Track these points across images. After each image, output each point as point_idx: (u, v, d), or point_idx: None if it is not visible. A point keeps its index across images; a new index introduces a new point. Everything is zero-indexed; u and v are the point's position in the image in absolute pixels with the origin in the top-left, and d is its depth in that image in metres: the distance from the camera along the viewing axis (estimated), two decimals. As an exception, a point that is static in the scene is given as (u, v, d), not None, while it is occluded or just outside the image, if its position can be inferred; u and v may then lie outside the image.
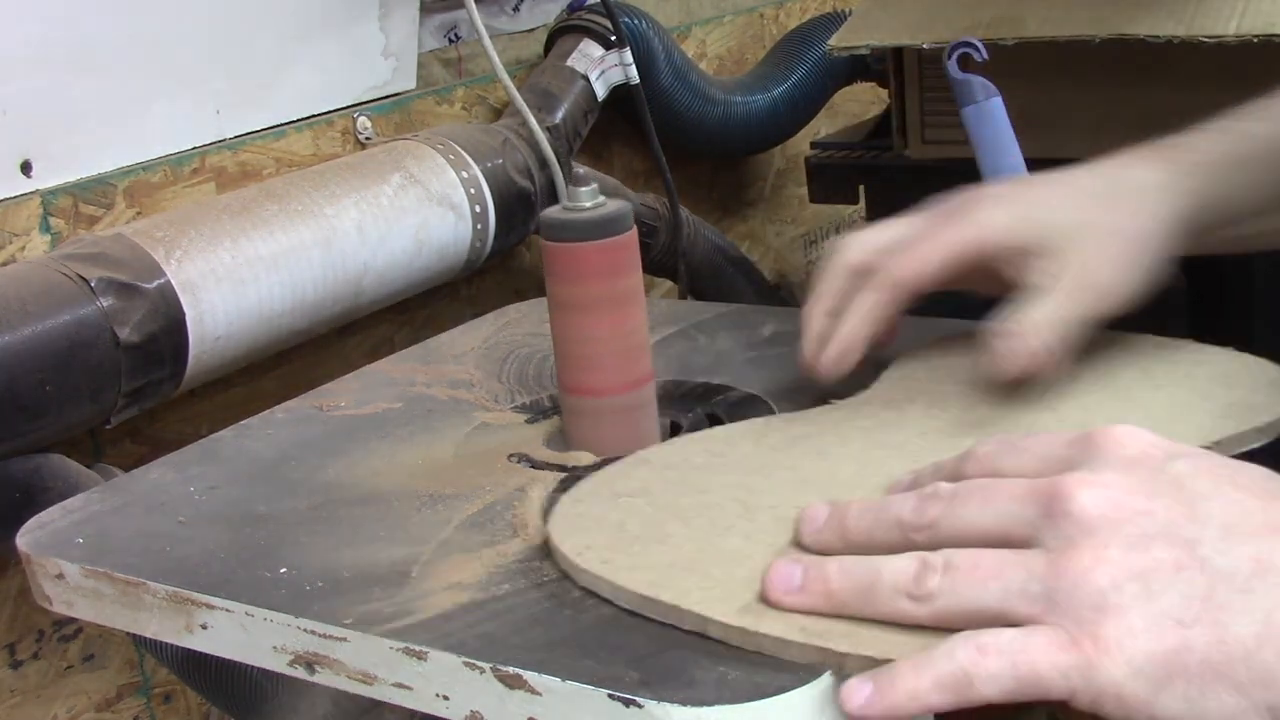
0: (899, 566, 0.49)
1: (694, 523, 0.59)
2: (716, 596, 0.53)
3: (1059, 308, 0.65)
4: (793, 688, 0.49)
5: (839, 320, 0.70)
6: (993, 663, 0.45)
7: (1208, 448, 0.60)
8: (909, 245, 0.70)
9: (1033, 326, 0.64)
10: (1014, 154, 0.94)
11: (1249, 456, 0.53)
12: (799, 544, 0.55)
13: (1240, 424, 0.62)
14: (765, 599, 0.52)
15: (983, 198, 0.70)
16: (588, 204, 0.70)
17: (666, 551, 0.57)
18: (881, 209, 1.41)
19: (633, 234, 0.71)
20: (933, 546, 0.49)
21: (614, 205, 0.71)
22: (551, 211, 0.71)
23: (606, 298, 0.70)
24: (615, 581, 0.56)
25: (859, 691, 0.47)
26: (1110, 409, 0.66)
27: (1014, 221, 0.68)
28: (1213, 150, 0.70)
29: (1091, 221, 0.67)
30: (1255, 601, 0.44)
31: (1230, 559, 0.45)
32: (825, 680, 0.50)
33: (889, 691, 0.46)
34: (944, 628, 0.48)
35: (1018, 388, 0.68)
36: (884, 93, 1.62)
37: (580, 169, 0.71)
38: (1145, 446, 0.49)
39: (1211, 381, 0.67)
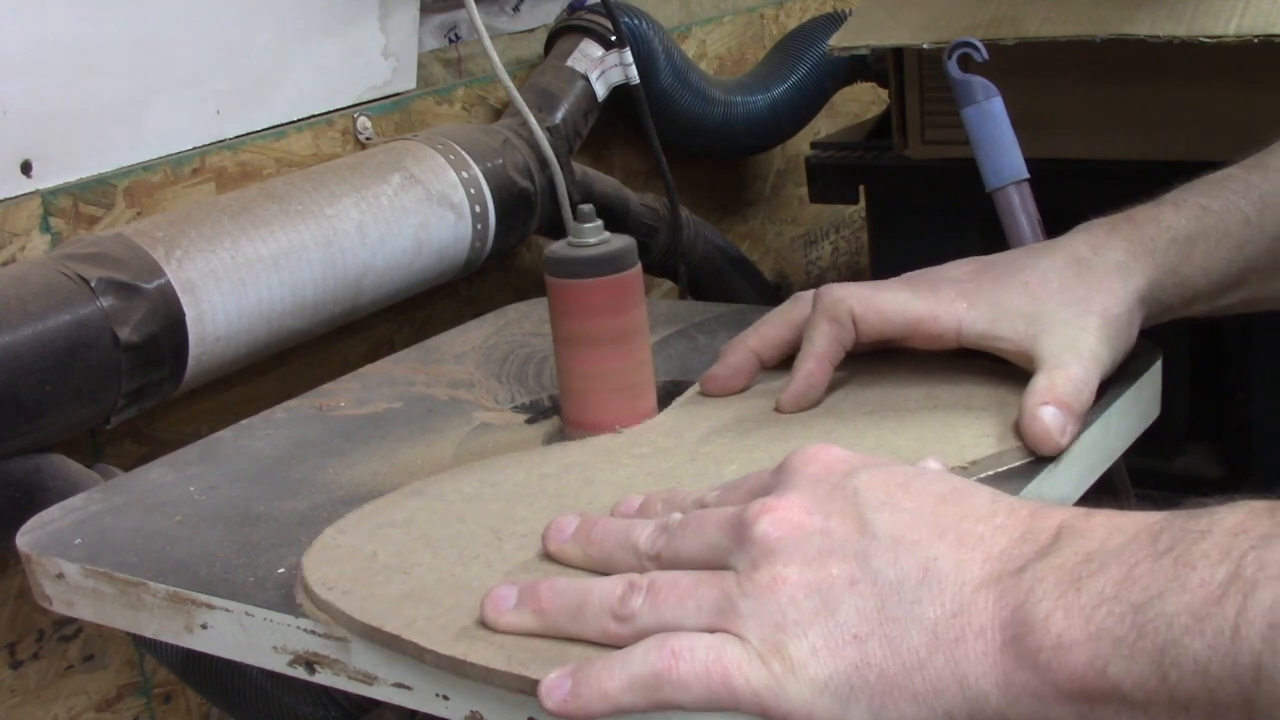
0: (606, 588, 0.50)
1: (442, 552, 0.60)
2: (438, 626, 0.53)
3: (1075, 375, 0.66)
4: None
5: (799, 356, 0.72)
6: (685, 667, 0.46)
7: (963, 467, 0.62)
8: (883, 290, 0.72)
9: (1065, 397, 0.65)
10: (1014, 154, 0.94)
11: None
12: (544, 553, 0.57)
13: (1000, 444, 0.64)
14: (483, 621, 0.52)
15: (959, 290, 0.71)
16: (592, 240, 0.71)
17: (407, 581, 0.57)
18: (881, 209, 1.42)
19: (637, 270, 0.72)
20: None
21: (618, 242, 0.71)
22: (556, 247, 0.72)
23: (611, 333, 0.71)
24: (346, 612, 0.56)
25: (558, 689, 0.48)
26: (879, 430, 0.68)
27: (993, 319, 0.69)
28: (1171, 228, 0.71)
29: (1065, 303, 0.68)
30: (923, 610, 0.45)
31: (899, 569, 0.46)
32: (825, 680, 0.50)
33: (583, 690, 0.47)
34: None
35: (797, 415, 0.70)
36: (884, 93, 1.62)
37: (585, 206, 0.72)
38: (829, 463, 0.51)
39: (988, 402, 0.69)
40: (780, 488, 0.51)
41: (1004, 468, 0.64)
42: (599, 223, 0.71)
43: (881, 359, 0.75)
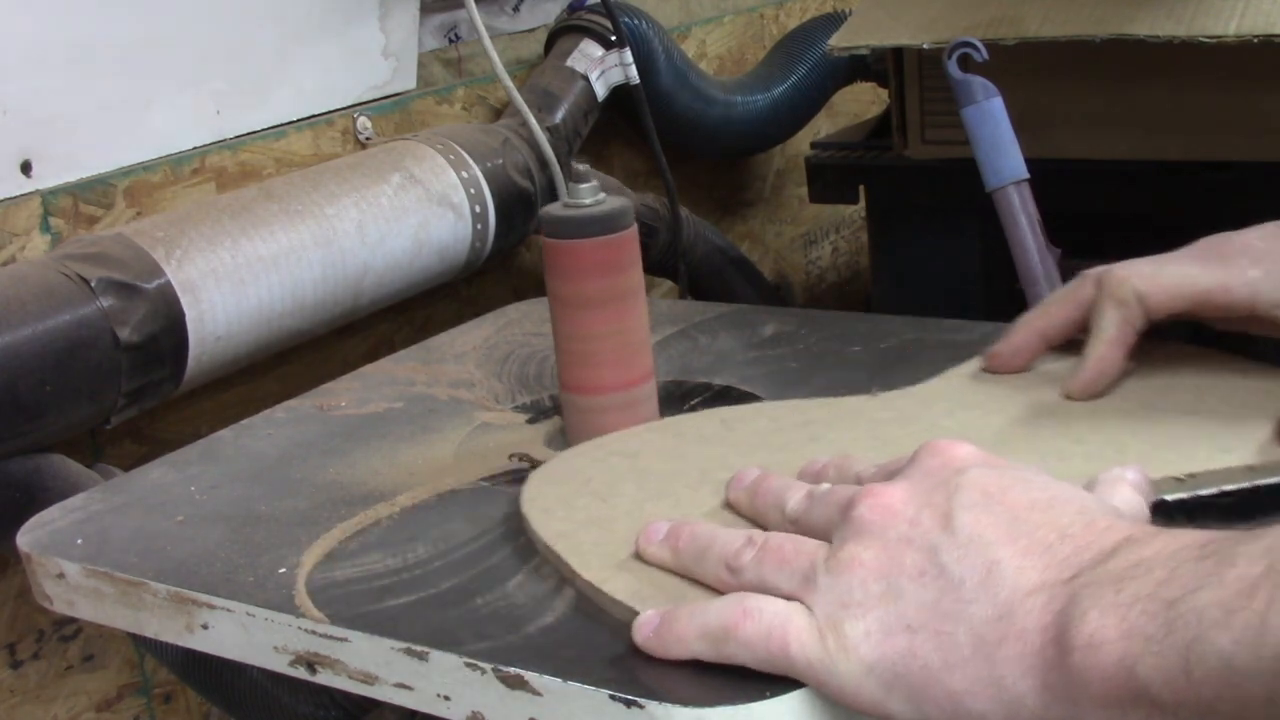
0: (728, 540, 0.54)
1: (646, 486, 0.63)
2: (599, 553, 0.58)
3: None
4: (794, 687, 0.49)
5: (1089, 341, 0.69)
6: (751, 628, 0.49)
7: (1177, 479, 0.60)
8: (1168, 264, 0.69)
9: None
10: (1014, 154, 0.94)
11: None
12: (725, 501, 0.60)
13: (1234, 460, 0.61)
14: (635, 549, 0.57)
15: (1252, 257, 0.68)
16: (588, 200, 0.70)
17: (601, 508, 0.61)
18: (881, 209, 1.42)
19: (633, 230, 0.71)
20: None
21: (614, 202, 0.71)
22: (552, 208, 0.71)
23: (607, 294, 0.70)
24: (534, 527, 0.60)
25: (647, 626, 0.52)
26: (1118, 426, 0.66)
27: None
28: None
29: None
30: (975, 610, 0.46)
31: (963, 567, 0.47)
32: (826, 680, 0.50)
33: (666, 631, 0.51)
34: None
35: (1042, 401, 0.69)
36: (884, 93, 1.62)
37: (581, 165, 0.71)
38: (950, 458, 0.52)
39: (1259, 411, 0.65)
40: (899, 475, 0.52)
41: (1231, 486, 0.60)
42: (595, 183, 0.70)
43: (1176, 355, 0.72)
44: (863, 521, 0.50)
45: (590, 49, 1.37)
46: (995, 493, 0.49)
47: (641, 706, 0.49)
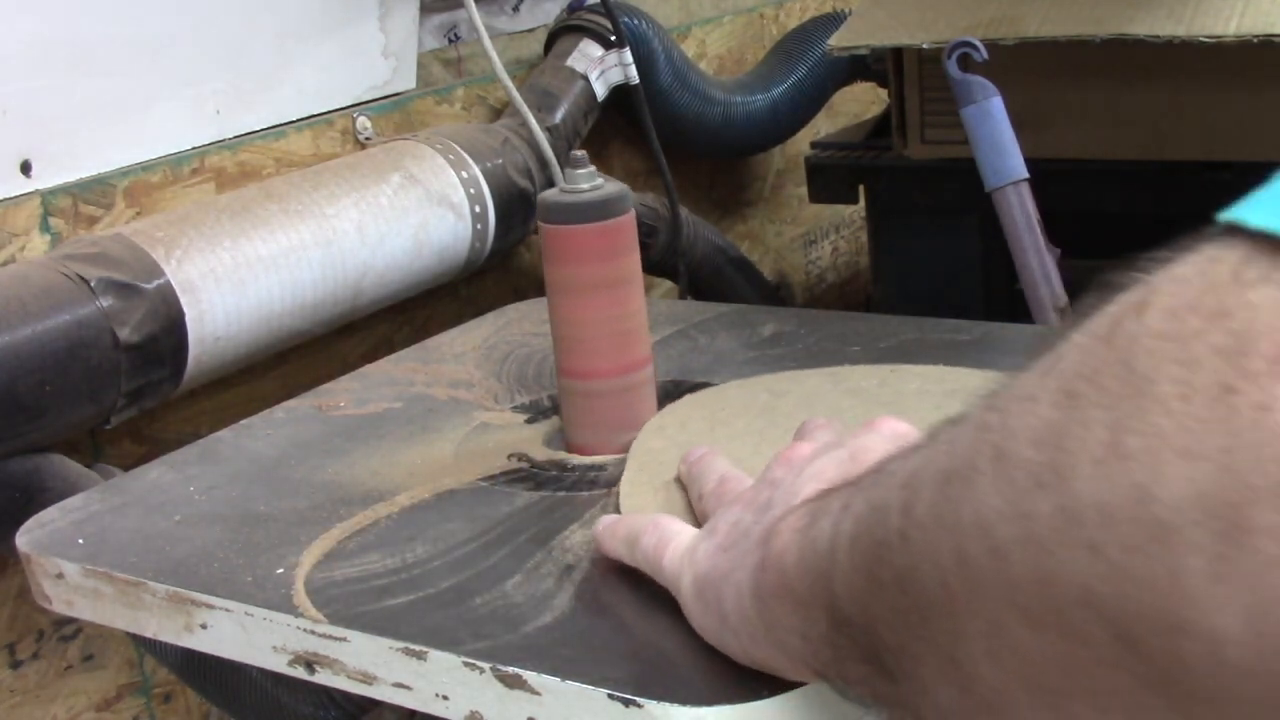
0: (713, 474, 0.61)
1: (733, 424, 0.70)
2: (646, 481, 0.66)
3: None
4: (792, 687, 0.49)
5: None
6: (648, 540, 0.56)
7: None
8: None
9: None
10: (1014, 154, 0.94)
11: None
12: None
13: None
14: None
15: None
16: (585, 186, 0.70)
17: (678, 436, 0.69)
18: (881, 209, 1.42)
19: (630, 216, 0.71)
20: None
21: (612, 187, 0.71)
22: (549, 194, 0.71)
23: (604, 280, 0.70)
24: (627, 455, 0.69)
25: (604, 523, 0.60)
26: None
27: None
28: None
29: None
30: (756, 529, 0.49)
31: (776, 496, 0.51)
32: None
33: (606, 531, 0.60)
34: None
35: None
36: (884, 93, 1.62)
37: (578, 152, 0.71)
38: (876, 426, 0.54)
39: None
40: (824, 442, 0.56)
41: None
42: (592, 168, 0.70)
43: None
44: (767, 469, 0.55)
45: (590, 49, 1.37)
46: (859, 452, 0.52)
47: (640, 706, 0.49)
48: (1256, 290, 0.27)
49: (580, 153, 0.71)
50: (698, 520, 0.59)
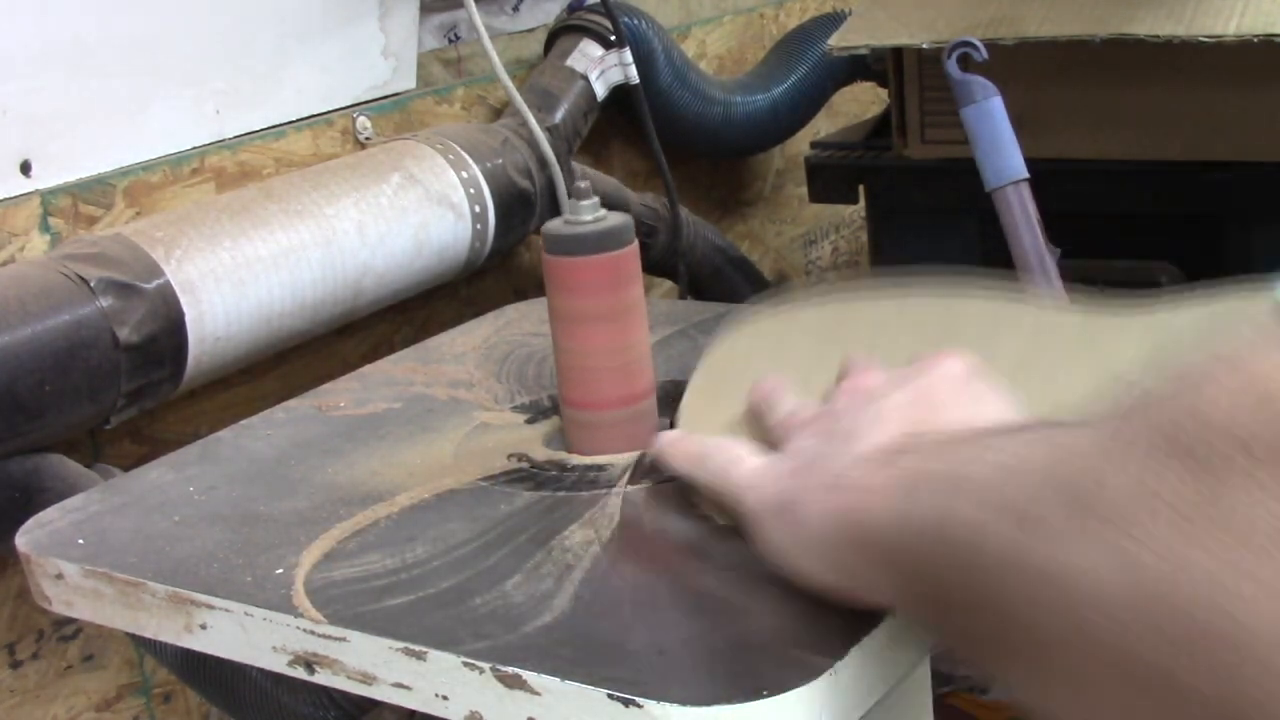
0: (786, 404, 0.62)
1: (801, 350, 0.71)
2: (710, 411, 0.67)
3: None
4: (792, 687, 0.49)
5: None
6: (719, 458, 0.59)
7: None
8: None
9: None
10: (1014, 154, 0.94)
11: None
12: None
13: None
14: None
15: None
16: (589, 217, 0.70)
17: (745, 372, 0.69)
18: (881, 209, 1.42)
19: (634, 247, 0.71)
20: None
21: (615, 219, 0.71)
22: (553, 225, 0.71)
23: (608, 311, 0.71)
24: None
25: (666, 437, 0.64)
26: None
27: None
28: None
29: None
30: (833, 462, 0.52)
31: (852, 424, 0.54)
32: (824, 680, 0.50)
33: (670, 447, 0.63)
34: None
35: None
36: (884, 93, 1.62)
37: (582, 182, 0.71)
38: (936, 362, 0.57)
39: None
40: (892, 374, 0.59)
41: None
42: (595, 200, 0.70)
43: None
44: (840, 395, 0.58)
45: (590, 49, 1.37)
46: (923, 396, 0.55)
47: (640, 706, 0.49)
48: None
49: (584, 183, 0.71)
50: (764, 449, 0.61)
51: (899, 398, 0.55)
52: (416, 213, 1.11)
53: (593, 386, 0.72)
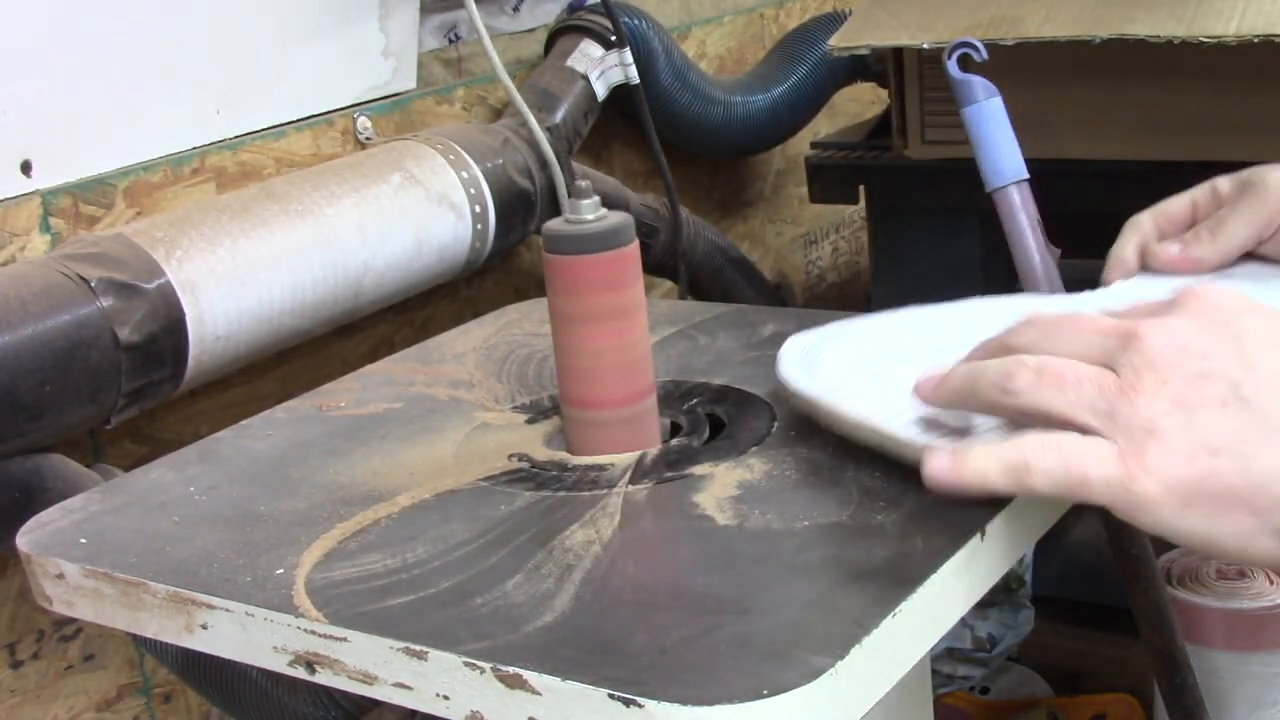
0: (997, 365, 0.57)
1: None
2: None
3: None
4: (792, 687, 0.49)
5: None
6: (1051, 458, 0.53)
7: None
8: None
9: None
10: (1014, 154, 0.94)
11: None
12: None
13: None
14: (915, 392, 0.61)
15: None
16: (589, 216, 0.70)
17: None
18: (881, 209, 1.42)
19: (634, 246, 0.71)
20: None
21: (616, 217, 0.71)
22: (553, 224, 0.71)
23: (608, 310, 0.71)
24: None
25: (938, 461, 0.56)
26: None
27: None
28: None
29: None
30: (1277, 438, 0.50)
31: (1267, 399, 0.51)
32: (824, 680, 0.50)
33: (962, 467, 0.55)
34: (1027, 424, 0.56)
35: None
36: (884, 93, 1.62)
37: (582, 182, 0.71)
38: (1222, 300, 0.55)
39: None
40: (1173, 311, 0.55)
41: None
42: (596, 199, 0.70)
43: None
44: (1155, 352, 0.53)
45: (590, 49, 1.37)
46: (1267, 321, 0.53)
47: (640, 705, 0.49)
48: None
49: (585, 183, 0.71)
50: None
51: (1253, 326, 0.53)
52: (417, 213, 1.11)
53: (593, 386, 0.72)
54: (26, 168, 0.99)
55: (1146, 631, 0.90)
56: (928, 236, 1.34)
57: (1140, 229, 0.79)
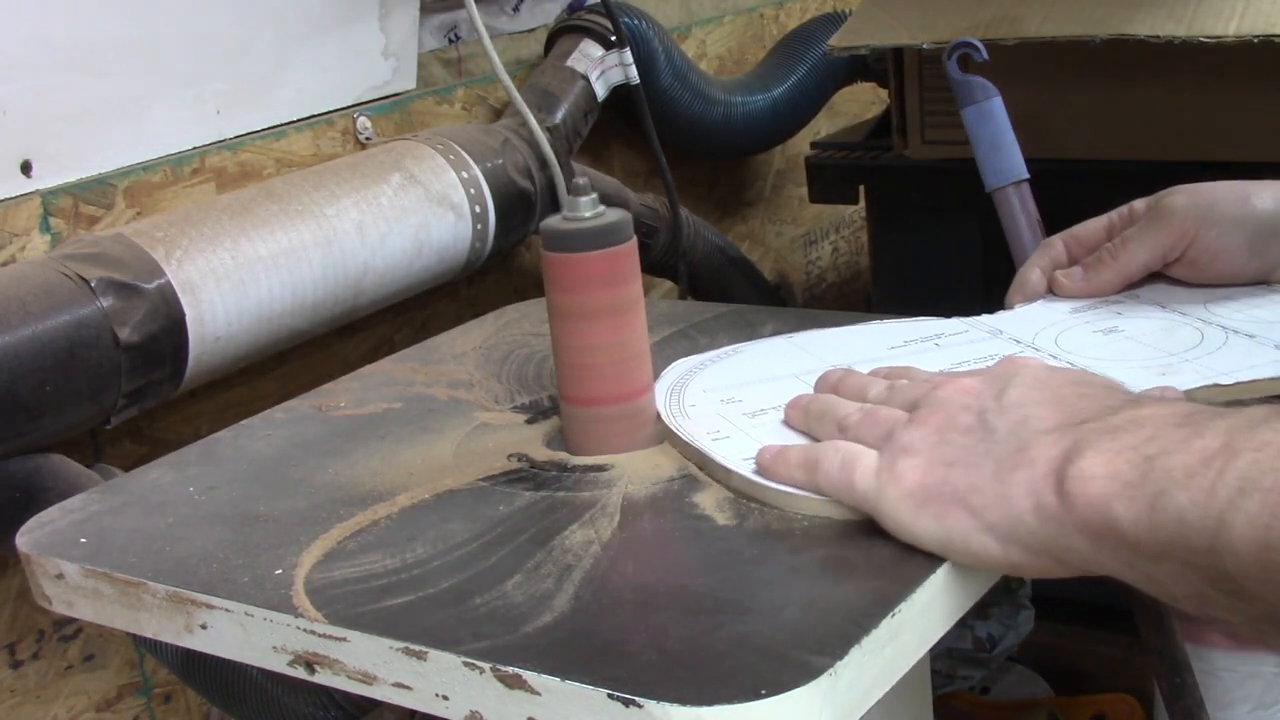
0: (847, 406, 0.67)
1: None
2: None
3: None
4: (792, 687, 0.49)
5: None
6: (835, 463, 0.61)
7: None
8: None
9: None
10: (1014, 154, 0.94)
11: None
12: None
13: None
14: (785, 415, 0.71)
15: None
16: (588, 213, 0.70)
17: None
18: (881, 209, 1.42)
19: (633, 243, 0.71)
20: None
21: (614, 215, 0.71)
22: (552, 221, 0.71)
23: (607, 307, 0.70)
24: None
25: (767, 452, 0.65)
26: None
27: None
28: None
29: None
30: (1001, 449, 0.57)
31: (1001, 421, 0.58)
32: (824, 680, 0.50)
33: (779, 458, 0.64)
34: None
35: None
36: (884, 93, 1.62)
37: (580, 179, 0.71)
38: (1020, 363, 0.63)
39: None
40: (976, 373, 0.64)
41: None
42: (594, 195, 0.70)
43: None
44: (939, 398, 0.61)
45: (590, 49, 1.37)
46: (1045, 378, 0.60)
47: (640, 705, 0.49)
48: None
49: (583, 180, 0.71)
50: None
51: (1023, 374, 0.60)
52: (417, 213, 1.11)
53: (592, 383, 0.72)
54: (26, 168, 0.99)
55: (1146, 631, 0.90)
56: (928, 236, 1.34)
57: (1049, 251, 0.85)
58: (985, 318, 0.83)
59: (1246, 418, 0.51)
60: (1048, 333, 0.79)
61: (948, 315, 0.84)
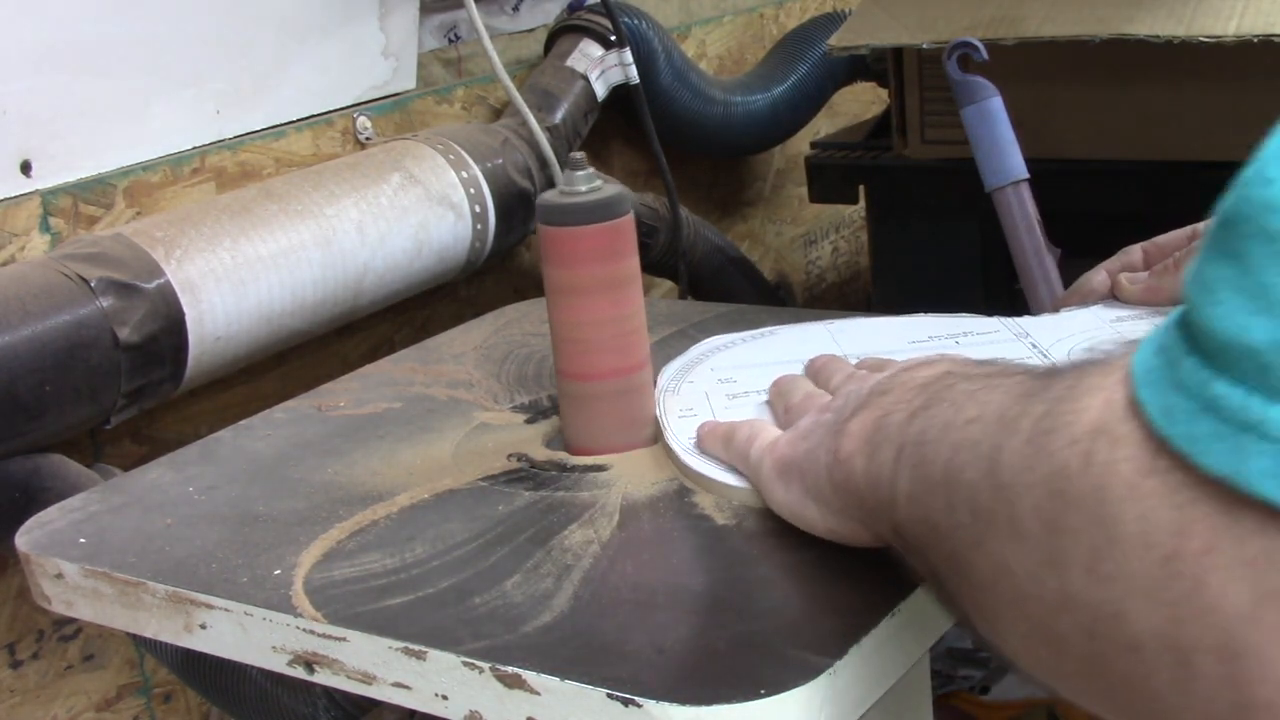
0: (798, 394, 0.69)
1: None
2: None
3: None
4: (792, 687, 0.49)
5: None
6: (740, 435, 0.65)
7: None
8: None
9: None
10: (1014, 154, 0.94)
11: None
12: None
13: None
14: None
15: None
16: (584, 188, 0.70)
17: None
18: (881, 209, 1.42)
19: (629, 217, 0.71)
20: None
21: (610, 189, 0.71)
22: (548, 195, 0.71)
23: (603, 281, 0.70)
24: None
25: (705, 425, 0.69)
26: None
27: None
28: None
29: None
30: (833, 423, 0.57)
31: (850, 401, 0.58)
32: (824, 680, 0.50)
33: (708, 432, 0.68)
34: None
35: None
36: (884, 93, 1.62)
37: (576, 154, 0.71)
38: (945, 358, 0.60)
39: None
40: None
41: None
42: (590, 170, 0.70)
43: None
44: (847, 390, 0.61)
45: (590, 49, 1.37)
46: (922, 363, 0.58)
47: (639, 705, 0.49)
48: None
49: (579, 154, 0.71)
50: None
51: (923, 366, 0.59)
52: (416, 213, 1.11)
53: (588, 358, 0.71)
54: (26, 168, 0.99)
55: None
56: (928, 236, 1.34)
57: (1125, 256, 0.84)
58: (1025, 320, 0.82)
59: (976, 376, 0.50)
60: (1067, 343, 0.77)
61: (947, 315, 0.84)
